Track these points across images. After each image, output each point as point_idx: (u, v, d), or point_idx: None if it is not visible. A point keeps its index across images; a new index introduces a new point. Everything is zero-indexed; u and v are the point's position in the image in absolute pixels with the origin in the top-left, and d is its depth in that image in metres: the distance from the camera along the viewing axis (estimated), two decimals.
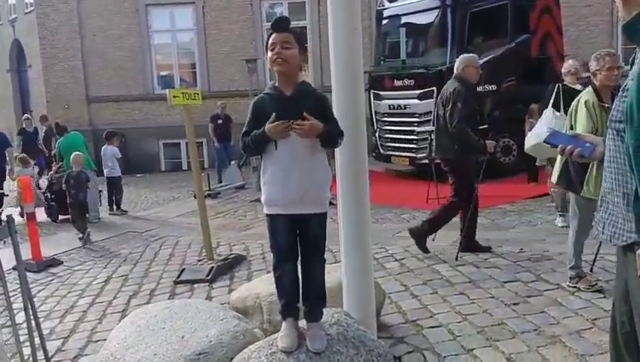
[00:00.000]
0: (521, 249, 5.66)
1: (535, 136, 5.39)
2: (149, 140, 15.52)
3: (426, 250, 5.72)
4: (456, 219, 5.87)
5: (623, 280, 2.00)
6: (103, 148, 10.18)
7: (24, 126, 12.87)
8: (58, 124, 10.73)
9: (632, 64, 1.88)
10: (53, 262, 6.67)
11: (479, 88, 9.96)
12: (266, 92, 2.61)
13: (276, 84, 2.58)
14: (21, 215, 7.81)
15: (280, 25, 2.54)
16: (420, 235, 5.77)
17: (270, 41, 2.53)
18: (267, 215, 2.62)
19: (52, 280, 6.09)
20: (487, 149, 5.50)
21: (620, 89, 1.91)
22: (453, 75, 5.68)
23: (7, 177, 9.97)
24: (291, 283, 2.60)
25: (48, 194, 9.63)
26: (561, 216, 6.51)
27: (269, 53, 2.52)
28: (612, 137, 1.90)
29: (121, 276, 5.99)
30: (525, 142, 5.46)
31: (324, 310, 2.71)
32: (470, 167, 5.57)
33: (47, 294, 5.58)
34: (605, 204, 2.00)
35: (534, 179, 8.81)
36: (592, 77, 4.40)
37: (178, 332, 3.07)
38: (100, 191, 9.60)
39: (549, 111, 5.93)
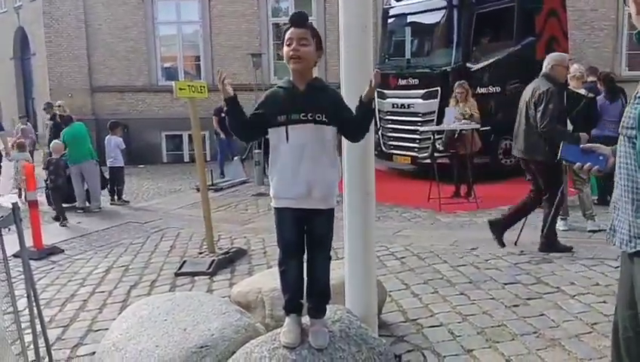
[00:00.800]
0: (522, 251, 5.67)
1: None
2: (151, 131, 15.51)
3: (502, 243, 5.81)
4: (457, 219, 5.86)
5: (627, 286, 2.01)
6: (106, 138, 10.19)
7: (56, 112, 12.56)
8: (62, 115, 10.69)
9: None
10: (54, 250, 6.69)
11: (483, 89, 10.01)
12: (280, 85, 2.61)
13: (290, 79, 2.59)
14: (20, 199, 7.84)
15: (298, 20, 2.54)
16: (499, 227, 5.87)
17: (287, 35, 2.52)
18: (275, 208, 2.62)
19: (53, 268, 6.10)
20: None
21: (633, 96, 1.91)
22: (541, 74, 5.66)
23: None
24: (296, 279, 2.61)
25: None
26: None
27: (285, 48, 2.52)
28: (623, 143, 1.91)
29: (122, 266, 6.00)
30: None
31: (327, 307, 2.72)
32: (560, 165, 5.47)
33: (48, 282, 5.59)
34: (616, 211, 2.00)
35: None
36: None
37: (180, 325, 3.08)
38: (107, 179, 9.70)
39: None
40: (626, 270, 2.03)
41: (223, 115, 12.28)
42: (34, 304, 3.31)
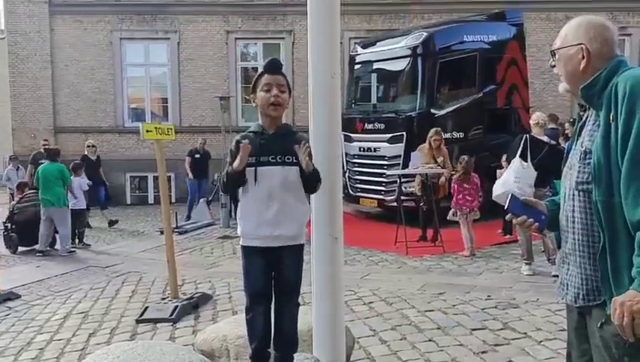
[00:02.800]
0: (489, 296, 5.69)
1: (501, 185, 5.50)
2: (115, 173, 15.27)
3: None
4: (424, 263, 5.84)
5: (581, 336, 2.00)
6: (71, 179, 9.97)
7: (86, 153, 12.38)
8: (48, 148, 10.56)
9: (582, 127, 1.97)
10: (11, 296, 6.41)
11: (447, 135, 10.22)
12: (251, 130, 2.63)
13: (260, 123, 2.60)
14: None
15: (274, 67, 2.58)
16: None
17: (263, 81, 2.55)
18: (242, 248, 2.60)
19: (8, 314, 5.85)
20: None
21: (577, 147, 1.95)
22: None
23: None
24: (264, 327, 2.56)
25: (9, 225, 9.35)
26: (526, 263, 6.60)
27: (263, 94, 2.54)
28: (578, 198, 1.91)
29: (81, 312, 5.79)
30: (493, 190, 5.54)
31: (294, 355, 2.67)
32: None
33: (3, 329, 5.35)
34: (566, 266, 2.00)
35: (509, 232, 8.48)
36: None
37: None
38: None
39: (516, 161, 6.08)
40: (577, 323, 2.02)
41: (196, 156, 12.26)
42: None
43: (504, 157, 7.64)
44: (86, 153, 12.34)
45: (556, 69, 1.99)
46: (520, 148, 6.23)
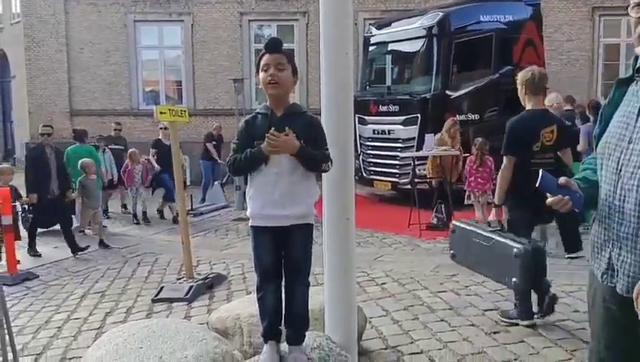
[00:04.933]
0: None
1: None
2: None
3: None
4: (437, 245, 5.86)
5: (621, 329, 1.86)
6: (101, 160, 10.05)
7: (160, 137, 10.82)
8: (76, 130, 10.40)
9: None
10: (29, 276, 6.54)
11: (462, 117, 10.14)
12: (258, 111, 2.62)
13: (267, 104, 2.60)
14: None
15: (273, 46, 2.57)
16: None
17: (263, 61, 2.54)
18: (252, 228, 2.61)
19: (26, 294, 5.97)
20: None
21: None
22: None
23: None
24: (274, 305, 2.58)
25: (26, 206, 9.47)
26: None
27: (262, 74, 2.53)
28: None
29: (98, 292, 5.89)
30: None
31: (306, 333, 2.69)
32: None
33: (21, 309, 5.46)
34: (616, 250, 1.82)
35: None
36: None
37: (156, 353, 3.00)
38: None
39: None
40: (619, 315, 1.85)
41: (214, 142, 12.27)
42: (6, 331, 3.22)
43: None
44: (160, 137, 10.73)
45: None
46: None
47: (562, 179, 1.93)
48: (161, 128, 10.66)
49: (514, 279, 3.89)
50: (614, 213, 1.81)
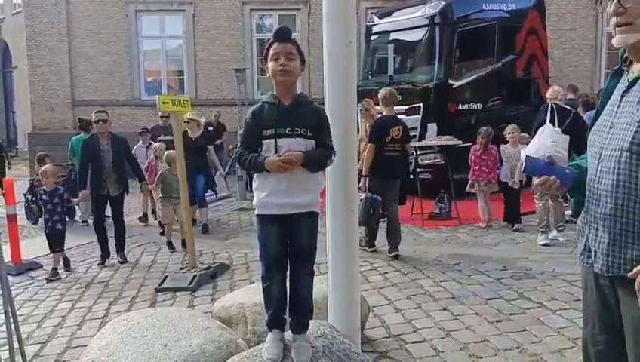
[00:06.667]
0: (504, 266, 5.70)
1: (536, 151, 5.53)
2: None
3: None
4: (439, 234, 5.86)
5: (606, 309, 1.90)
6: None
7: (188, 131, 10.21)
8: (81, 120, 10.03)
9: (631, 85, 1.82)
10: (33, 266, 6.57)
11: (464, 106, 10.11)
12: (265, 100, 2.62)
13: (275, 93, 2.59)
14: None
15: (283, 35, 2.56)
16: None
17: (272, 50, 2.54)
18: (258, 216, 2.62)
19: (31, 283, 6.00)
20: None
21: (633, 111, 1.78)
22: None
23: None
24: (279, 295, 2.59)
25: (29, 196, 9.50)
26: (542, 232, 6.58)
27: (272, 64, 2.53)
28: (629, 160, 1.75)
29: (102, 282, 5.91)
30: (524, 158, 5.49)
31: (310, 322, 2.71)
32: None
33: (26, 298, 5.49)
34: (593, 231, 1.88)
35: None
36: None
37: (160, 341, 3.03)
38: None
39: (549, 127, 6.07)
40: (603, 294, 1.90)
41: (209, 128, 12.22)
42: (11, 320, 3.25)
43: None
44: (188, 131, 8.40)
45: (622, 18, 1.74)
46: (548, 116, 6.22)
47: (549, 159, 2.01)
48: (187, 122, 8.45)
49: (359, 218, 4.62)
50: (593, 195, 1.87)
